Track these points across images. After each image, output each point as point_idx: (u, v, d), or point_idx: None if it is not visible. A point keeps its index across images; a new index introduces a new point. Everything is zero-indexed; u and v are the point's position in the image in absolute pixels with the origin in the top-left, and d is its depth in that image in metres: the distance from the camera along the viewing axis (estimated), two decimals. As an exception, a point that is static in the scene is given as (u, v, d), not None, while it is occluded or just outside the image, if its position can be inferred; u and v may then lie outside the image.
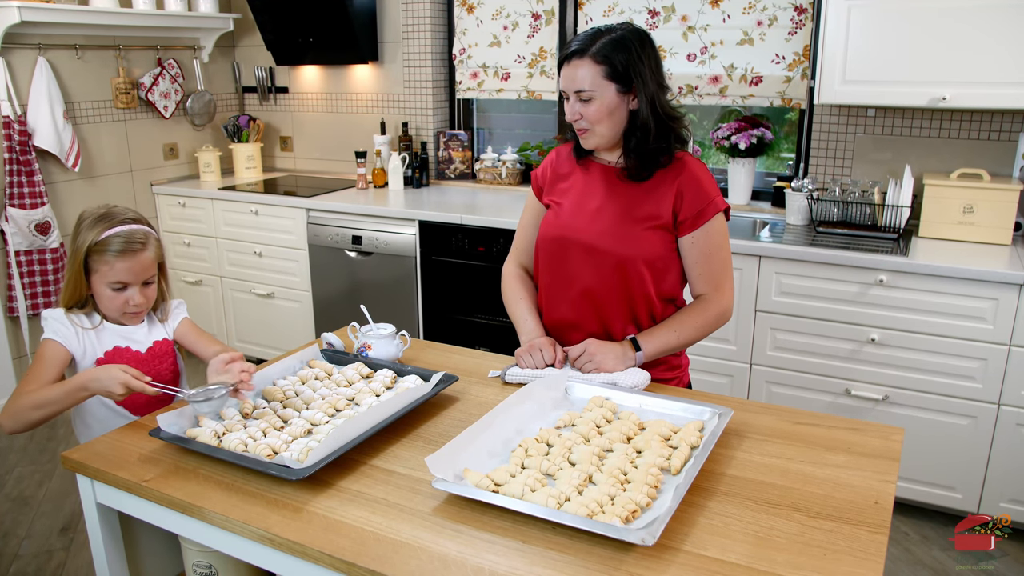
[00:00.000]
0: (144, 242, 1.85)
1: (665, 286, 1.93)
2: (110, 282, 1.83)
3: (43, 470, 3.48)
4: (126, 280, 1.83)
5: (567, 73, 1.84)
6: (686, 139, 1.92)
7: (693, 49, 3.73)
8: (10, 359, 3.96)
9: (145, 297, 1.88)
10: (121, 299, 1.85)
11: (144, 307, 1.91)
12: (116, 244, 1.80)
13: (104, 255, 1.80)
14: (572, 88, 1.83)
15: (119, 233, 1.82)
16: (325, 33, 4.39)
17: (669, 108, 1.86)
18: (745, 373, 3.17)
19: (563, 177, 2.03)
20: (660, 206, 1.87)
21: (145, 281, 1.88)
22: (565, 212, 1.97)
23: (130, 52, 4.36)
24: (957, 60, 2.86)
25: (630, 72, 1.80)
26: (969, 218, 3.03)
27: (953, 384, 2.82)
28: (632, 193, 1.90)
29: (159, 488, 1.45)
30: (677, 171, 1.87)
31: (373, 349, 2.00)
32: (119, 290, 1.84)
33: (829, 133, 3.48)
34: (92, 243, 1.80)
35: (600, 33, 1.82)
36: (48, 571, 2.79)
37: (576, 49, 1.82)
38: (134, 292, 1.85)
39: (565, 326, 2.01)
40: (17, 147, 3.78)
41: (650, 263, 1.88)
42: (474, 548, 1.25)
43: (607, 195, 1.92)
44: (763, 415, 1.72)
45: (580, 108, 1.84)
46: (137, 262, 1.83)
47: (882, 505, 1.36)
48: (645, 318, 1.94)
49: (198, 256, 4.53)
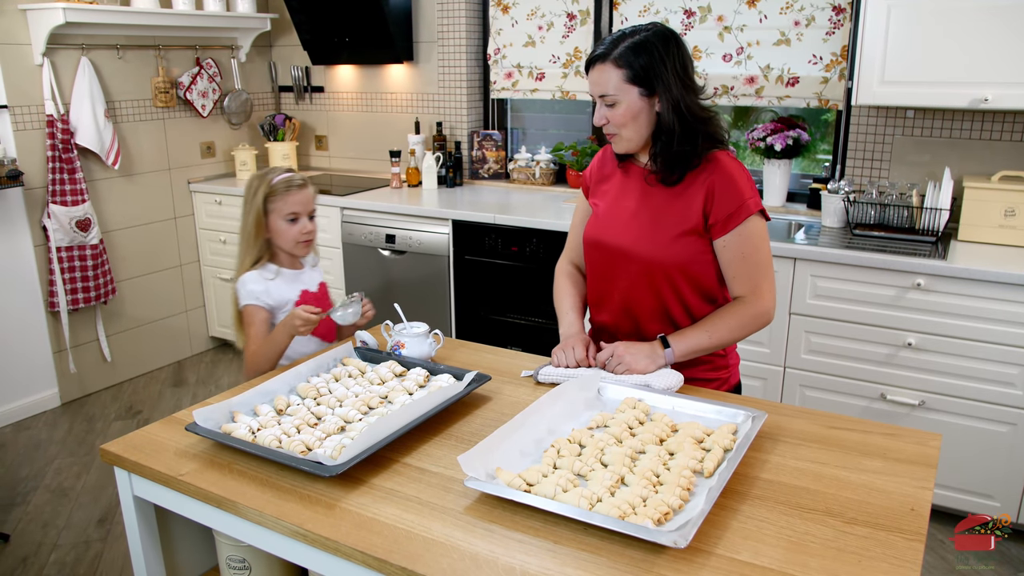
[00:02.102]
0: (304, 181, 2.28)
1: (702, 288, 1.91)
2: (285, 215, 2.23)
3: (81, 462, 3.55)
4: (297, 211, 2.23)
5: (593, 78, 1.84)
6: (722, 139, 1.87)
7: (729, 49, 3.70)
8: (51, 353, 4.04)
9: (312, 226, 2.29)
10: (296, 229, 2.24)
11: (313, 235, 2.30)
12: (285, 183, 2.23)
13: (278, 194, 2.22)
14: (598, 92, 1.84)
15: (285, 176, 2.25)
16: (361, 33, 4.42)
17: (698, 109, 1.83)
18: (779, 376, 3.14)
19: (605, 178, 2.03)
20: (689, 209, 1.85)
21: (310, 215, 2.28)
22: (602, 215, 1.99)
23: (169, 52, 4.42)
24: (999, 60, 2.81)
25: (651, 75, 1.78)
26: (1011, 221, 2.97)
27: (992, 390, 2.77)
28: (663, 196, 1.89)
29: (195, 482, 1.47)
30: (709, 172, 1.84)
31: (406, 347, 2.01)
32: (293, 221, 2.23)
33: (866, 134, 3.44)
34: (268, 189, 2.22)
35: (624, 36, 1.81)
36: (86, 561, 2.84)
37: (599, 54, 1.82)
38: (305, 221, 2.26)
39: (607, 327, 2.04)
40: (60, 145, 3.85)
41: (682, 268, 1.87)
42: (505, 547, 1.26)
43: (641, 199, 1.92)
44: (797, 419, 1.70)
45: (606, 112, 1.85)
46: (303, 194, 2.25)
47: (918, 512, 1.34)
48: (683, 320, 1.92)
49: (233, 254, 4.55)
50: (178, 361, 4.75)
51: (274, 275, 2.27)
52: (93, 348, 4.26)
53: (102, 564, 2.82)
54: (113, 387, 4.38)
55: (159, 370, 4.62)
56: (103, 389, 4.34)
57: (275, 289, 2.25)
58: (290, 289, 2.28)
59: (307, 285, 2.33)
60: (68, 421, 3.96)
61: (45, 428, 3.89)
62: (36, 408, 4.04)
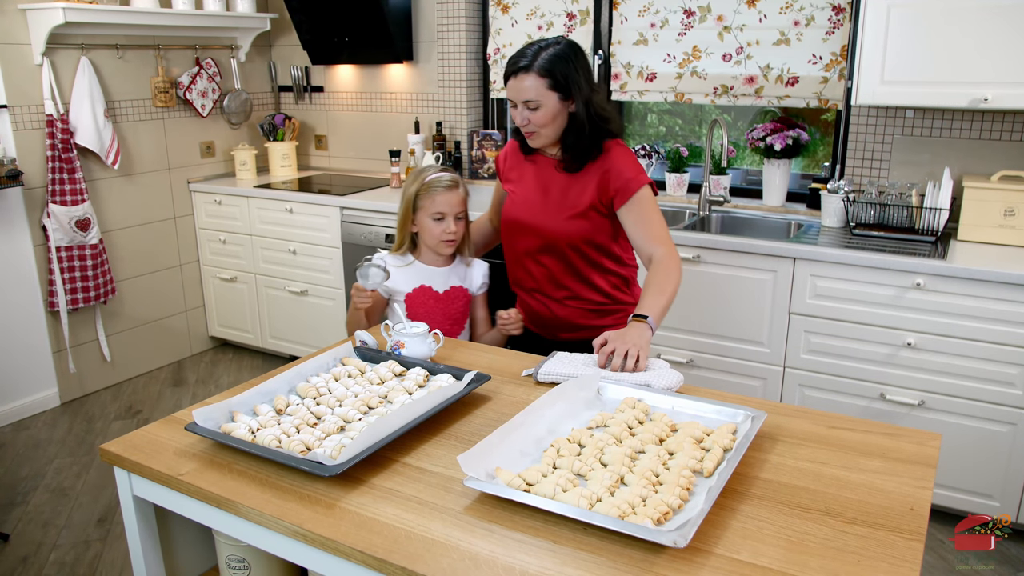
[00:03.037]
0: (454, 183, 2.34)
1: (605, 251, 2.29)
2: (432, 214, 2.31)
3: (81, 462, 3.55)
4: (444, 211, 2.31)
5: (514, 85, 2.14)
6: (617, 132, 2.25)
7: (729, 49, 3.70)
8: (50, 353, 4.04)
9: (458, 228, 2.35)
10: (440, 228, 2.32)
11: (457, 236, 2.35)
12: (435, 183, 2.31)
13: (428, 193, 2.30)
14: (522, 98, 2.13)
15: (436, 176, 2.33)
16: (360, 33, 4.42)
17: (601, 109, 2.19)
18: (778, 376, 3.15)
19: (515, 168, 2.39)
20: (587, 190, 2.21)
21: (457, 216, 2.33)
22: (518, 200, 2.34)
23: (169, 52, 4.42)
24: (999, 60, 2.81)
25: (568, 83, 2.12)
26: (1010, 221, 2.98)
27: (991, 390, 2.78)
28: (567, 181, 2.25)
29: (194, 482, 1.47)
30: (603, 160, 2.21)
31: (406, 347, 2.01)
32: (439, 220, 2.31)
33: (866, 134, 3.44)
34: (420, 186, 2.32)
35: (542, 48, 2.12)
36: (85, 561, 2.84)
37: (524, 65, 2.11)
38: (450, 222, 2.32)
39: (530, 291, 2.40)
40: (59, 145, 3.85)
41: (586, 237, 2.24)
42: (505, 547, 1.26)
43: (549, 184, 2.28)
44: (797, 419, 1.70)
45: (528, 115, 2.15)
46: (452, 196, 2.32)
47: (918, 512, 1.34)
48: (594, 278, 2.31)
49: (233, 253, 4.59)
50: (178, 361, 4.75)
51: (404, 264, 2.38)
52: (93, 348, 4.26)
53: (102, 564, 2.82)
54: (113, 387, 4.37)
55: (159, 370, 4.62)
56: (103, 389, 4.34)
57: (396, 276, 2.35)
58: (408, 281, 2.37)
59: (433, 282, 2.38)
60: (68, 421, 3.96)
61: (45, 428, 3.88)
62: (36, 408, 4.04)
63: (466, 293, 2.45)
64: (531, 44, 2.16)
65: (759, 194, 3.79)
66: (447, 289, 2.40)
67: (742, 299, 3.15)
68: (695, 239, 3.20)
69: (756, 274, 3.11)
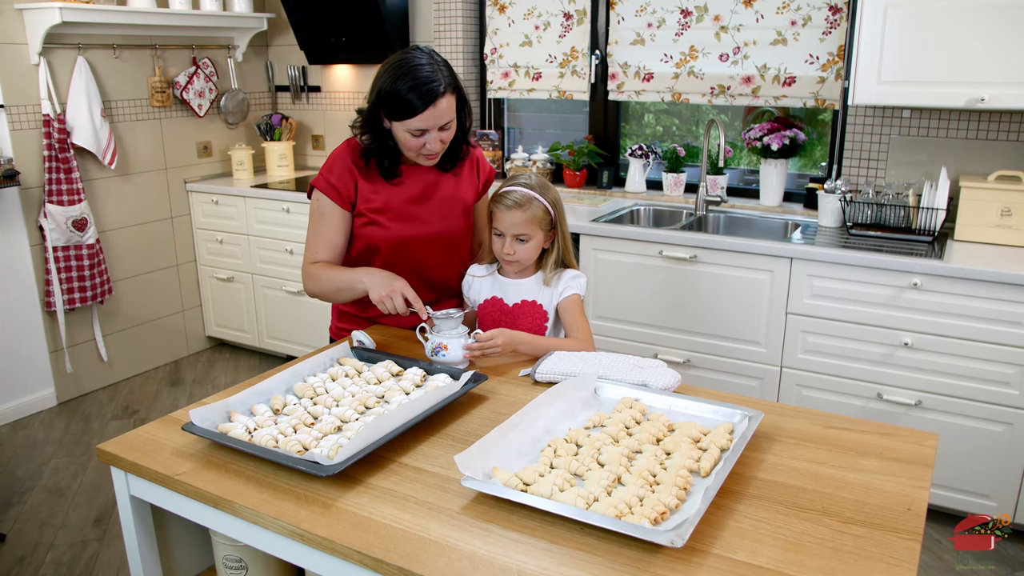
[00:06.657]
0: (518, 203, 2.11)
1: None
2: (494, 228, 2.16)
3: (78, 462, 3.54)
4: (502, 230, 2.13)
5: (443, 107, 2.00)
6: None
7: (726, 49, 3.70)
8: (47, 352, 4.03)
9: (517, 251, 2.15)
10: (498, 244, 2.16)
11: (515, 257, 2.15)
12: (501, 198, 2.13)
13: (494, 204, 2.15)
14: (445, 120, 2.03)
15: (505, 190, 2.15)
16: (357, 33, 4.41)
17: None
18: (775, 376, 3.15)
19: (371, 186, 2.17)
20: (471, 184, 2.30)
21: (518, 237, 2.13)
22: (403, 215, 2.19)
23: (166, 51, 4.42)
24: (996, 60, 2.81)
25: (464, 93, 2.10)
26: (1007, 221, 2.98)
27: (988, 390, 2.78)
28: (452, 182, 2.25)
29: (191, 482, 1.47)
30: (472, 156, 2.30)
31: (450, 350, 1.96)
32: (499, 236, 2.16)
33: (863, 134, 3.44)
34: (494, 193, 2.18)
35: (442, 65, 2.03)
36: (82, 561, 2.83)
37: (446, 85, 2.00)
38: (508, 241, 2.14)
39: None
40: (56, 145, 3.84)
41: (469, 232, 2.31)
42: (502, 547, 1.26)
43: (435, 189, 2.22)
44: (794, 418, 1.70)
45: (441, 136, 2.06)
46: (510, 217, 2.11)
47: (915, 512, 1.34)
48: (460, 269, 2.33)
49: (230, 253, 4.58)
50: (175, 361, 4.75)
51: (486, 273, 2.28)
52: (89, 348, 4.25)
53: (98, 564, 2.82)
54: (109, 387, 4.37)
55: (155, 370, 4.61)
56: (99, 389, 4.33)
57: (476, 285, 2.28)
58: (483, 293, 2.26)
59: (506, 294, 2.22)
60: (64, 421, 3.96)
61: (41, 428, 3.88)
62: (32, 408, 4.03)
63: (539, 309, 2.21)
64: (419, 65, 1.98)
65: (756, 194, 3.80)
66: (516, 303, 2.23)
67: (739, 299, 3.16)
68: (692, 239, 3.20)
69: (753, 274, 3.11)
